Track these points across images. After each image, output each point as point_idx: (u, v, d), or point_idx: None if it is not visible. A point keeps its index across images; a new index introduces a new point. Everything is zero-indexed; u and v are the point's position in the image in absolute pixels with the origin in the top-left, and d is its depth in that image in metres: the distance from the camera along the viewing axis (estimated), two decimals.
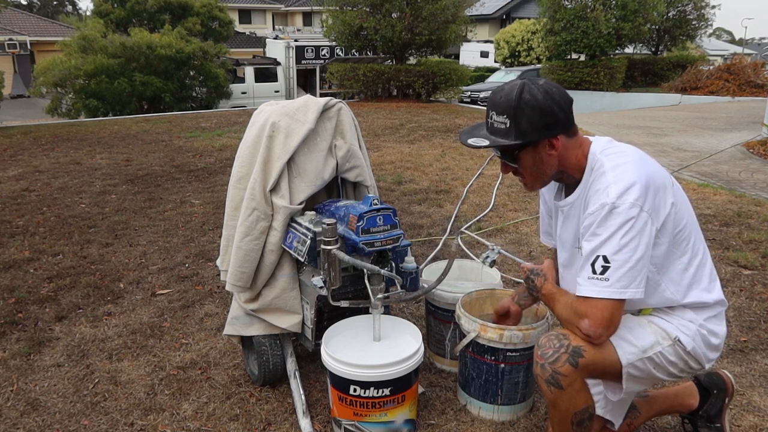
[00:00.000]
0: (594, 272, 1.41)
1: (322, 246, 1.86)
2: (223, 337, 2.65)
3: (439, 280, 2.04)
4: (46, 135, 9.12)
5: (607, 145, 1.53)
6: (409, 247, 2.08)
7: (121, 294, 3.20)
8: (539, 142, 1.49)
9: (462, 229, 4.00)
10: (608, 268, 1.39)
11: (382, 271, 1.85)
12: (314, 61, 19.74)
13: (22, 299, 3.12)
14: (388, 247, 1.93)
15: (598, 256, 1.41)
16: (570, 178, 1.58)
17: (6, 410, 2.17)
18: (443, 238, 3.97)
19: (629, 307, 1.56)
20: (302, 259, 1.98)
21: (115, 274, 3.46)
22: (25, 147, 8.02)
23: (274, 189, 2.08)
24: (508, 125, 1.48)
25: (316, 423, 2.05)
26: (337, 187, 2.39)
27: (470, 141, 1.54)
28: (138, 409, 2.16)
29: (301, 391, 2.12)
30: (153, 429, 2.05)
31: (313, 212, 2.09)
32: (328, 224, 1.84)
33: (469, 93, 16.43)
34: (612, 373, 1.50)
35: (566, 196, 1.62)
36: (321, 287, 1.92)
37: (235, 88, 16.72)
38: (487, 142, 1.51)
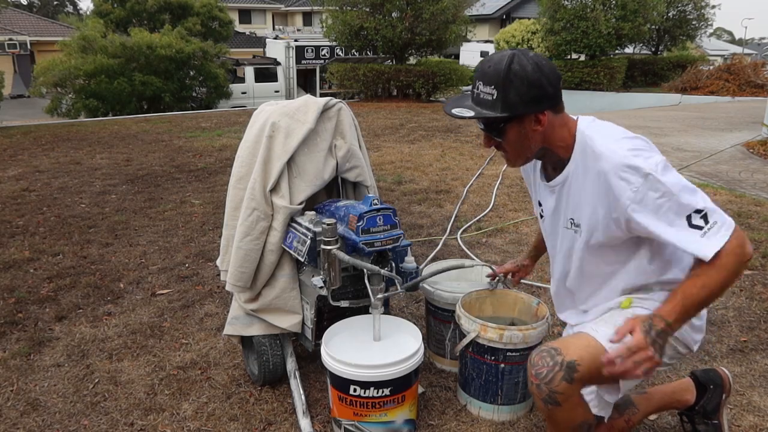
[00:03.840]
0: (701, 227, 1.30)
1: (322, 246, 1.86)
2: (223, 337, 2.65)
3: (436, 273, 2.04)
4: (46, 135, 9.12)
5: (594, 123, 1.49)
6: (409, 247, 2.08)
7: (121, 294, 3.20)
8: (525, 117, 1.42)
9: (457, 235, 4.00)
10: (704, 212, 1.31)
11: (382, 271, 1.85)
12: (314, 61, 19.73)
13: (22, 299, 3.12)
14: (388, 247, 1.93)
15: (689, 215, 1.31)
16: (553, 157, 1.52)
17: (6, 410, 2.17)
18: (443, 238, 3.97)
19: (608, 294, 1.57)
20: (302, 259, 1.98)
21: (115, 274, 3.46)
22: (25, 147, 8.02)
23: (274, 189, 2.08)
24: (495, 96, 1.40)
25: (316, 423, 2.05)
26: (337, 187, 2.39)
27: (455, 111, 1.46)
28: (138, 409, 2.16)
29: (301, 391, 2.12)
30: (153, 429, 2.05)
31: (313, 212, 2.09)
32: (328, 224, 1.84)
33: None
34: (608, 378, 1.46)
35: (553, 174, 1.57)
36: (321, 287, 1.92)
37: (235, 88, 16.73)
38: (471, 113, 1.43)
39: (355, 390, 1.82)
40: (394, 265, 2.00)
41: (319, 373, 2.34)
